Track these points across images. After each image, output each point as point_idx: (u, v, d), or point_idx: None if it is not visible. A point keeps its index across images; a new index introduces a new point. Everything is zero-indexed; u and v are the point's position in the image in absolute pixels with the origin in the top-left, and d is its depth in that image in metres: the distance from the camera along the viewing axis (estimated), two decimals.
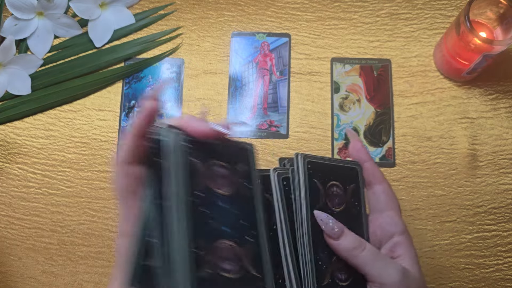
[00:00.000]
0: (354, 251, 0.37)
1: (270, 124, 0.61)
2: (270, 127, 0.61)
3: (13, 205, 0.60)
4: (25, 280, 0.58)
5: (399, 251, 0.39)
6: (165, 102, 0.62)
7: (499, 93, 0.61)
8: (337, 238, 0.38)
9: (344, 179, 0.41)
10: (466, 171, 0.59)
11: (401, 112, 0.61)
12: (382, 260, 0.37)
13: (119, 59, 0.63)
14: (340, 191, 0.41)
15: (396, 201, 0.40)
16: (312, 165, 0.40)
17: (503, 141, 0.59)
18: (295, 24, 0.64)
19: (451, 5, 0.64)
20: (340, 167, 0.41)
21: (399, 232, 0.39)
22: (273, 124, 0.61)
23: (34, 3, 0.61)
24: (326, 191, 0.40)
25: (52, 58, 0.63)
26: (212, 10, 0.64)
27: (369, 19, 0.63)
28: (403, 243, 0.39)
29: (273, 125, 0.61)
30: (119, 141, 0.61)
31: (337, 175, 0.41)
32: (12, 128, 0.62)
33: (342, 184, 0.41)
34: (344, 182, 0.41)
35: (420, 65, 0.62)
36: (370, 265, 0.37)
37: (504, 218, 0.58)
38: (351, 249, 0.38)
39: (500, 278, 0.57)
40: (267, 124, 0.61)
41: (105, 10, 0.64)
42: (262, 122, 0.61)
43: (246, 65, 0.63)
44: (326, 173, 0.41)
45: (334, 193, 0.40)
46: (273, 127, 0.61)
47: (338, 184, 0.41)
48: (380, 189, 0.41)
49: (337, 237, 0.38)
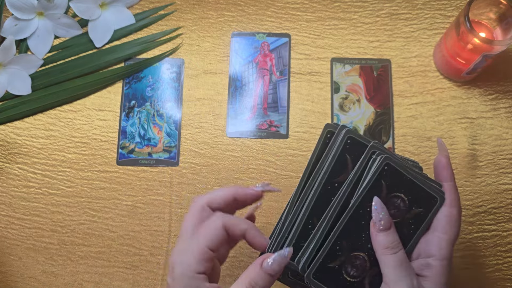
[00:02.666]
0: (387, 250, 0.38)
1: (270, 124, 0.61)
2: (270, 127, 0.61)
3: (13, 205, 0.60)
4: (25, 280, 0.58)
5: (428, 273, 0.39)
6: (165, 102, 0.62)
7: (499, 93, 0.61)
8: (380, 232, 0.39)
9: (417, 199, 0.40)
10: (466, 171, 0.59)
11: (401, 112, 0.61)
12: (404, 270, 0.38)
13: (119, 59, 0.63)
14: (403, 207, 0.40)
15: (455, 230, 0.40)
16: (389, 168, 0.40)
17: (503, 141, 0.59)
18: (295, 24, 0.64)
19: (451, 5, 0.64)
20: (421, 188, 0.41)
21: (438, 256, 0.39)
22: (273, 124, 0.61)
23: (34, 3, 0.61)
24: (388, 197, 0.40)
25: (52, 58, 0.63)
26: (212, 10, 0.64)
27: (369, 19, 0.64)
28: (436, 268, 0.39)
29: (273, 125, 0.61)
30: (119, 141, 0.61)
31: (412, 192, 0.40)
32: (12, 128, 0.62)
33: (410, 202, 0.40)
34: (414, 202, 0.40)
35: (420, 65, 0.62)
36: (391, 268, 0.38)
37: (504, 218, 0.58)
38: (385, 246, 0.39)
39: (500, 278, 0.57)
40: (267, 124, 0.61)
41: (105, 10, 0.64)
42: (262, 122, 0.61)
43: (246, 65, 0.63)
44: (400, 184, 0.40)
45: (395, 205, 0.40)
46: (273, 127, 0.61)
47: (405, 200, 0.40)
48: (446, 212, 0.40)
49: (380, 231, 0.39)
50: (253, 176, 0.59)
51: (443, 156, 0.42)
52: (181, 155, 0.60)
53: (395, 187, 0.40)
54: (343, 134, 0.41)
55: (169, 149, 0.61)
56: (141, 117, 0.62)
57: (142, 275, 0.58)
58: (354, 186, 0.40)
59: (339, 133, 0.41)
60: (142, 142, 0.61)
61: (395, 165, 0.40)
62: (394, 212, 0.40)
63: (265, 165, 0.60)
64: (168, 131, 0.61)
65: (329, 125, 0.42)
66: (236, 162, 0.60)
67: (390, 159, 0.40)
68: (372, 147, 0.40)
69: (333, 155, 0.41)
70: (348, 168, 0.40)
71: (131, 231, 0.59)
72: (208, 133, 0.61)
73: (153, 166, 0.60)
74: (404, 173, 0.40)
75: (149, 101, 0.62)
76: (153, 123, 0.61)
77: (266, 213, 0.58)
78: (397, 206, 0.40)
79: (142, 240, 0.59)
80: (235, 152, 0.60)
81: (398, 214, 0.40)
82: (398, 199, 0.40)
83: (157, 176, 0.60)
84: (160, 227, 0.59)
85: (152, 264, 0.58)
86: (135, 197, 0.60)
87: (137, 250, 0.59)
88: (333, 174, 0.40)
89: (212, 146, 0.61)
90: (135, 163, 0.60)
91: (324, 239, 0.40)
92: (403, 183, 0.40)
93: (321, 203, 0.40)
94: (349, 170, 0.40)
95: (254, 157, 0.60)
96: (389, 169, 0.40)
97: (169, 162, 0.60)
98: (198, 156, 0.60)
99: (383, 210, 0.39)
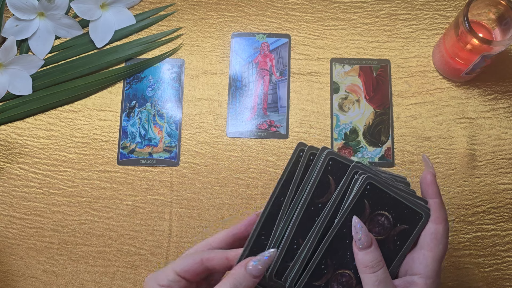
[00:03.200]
0: (366, 268, 0.39)
1: (270, 124, 0.61)
2: (270, 127, 0.61)
3: (15, 204, 0.60)
4: (26, 279, 0.58)
5: None
6: (166, 102, 0.62)
7: (498, 93, 0.61)
8: (360, 250, 0.39)
9: (401, 216, 0.41)
10: (465, 171, 0.59)
11: (400, 112, 0.61)
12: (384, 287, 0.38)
13: (120, 59, 0.63)
14: (388, 225, 0.41)
15: (442, 247, 0.39)
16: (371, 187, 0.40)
17: (502, 141, 0.60)
18: (294, 24, 0.64)
19: (450, 5, 0.64)
20: (406, 205, 0.41)
21: (424, 274, 0.39)
22: (273, 124, 0.61)
23: (35, 4, 0.61)
24: (371, 215, 0.40)
25: (53, 58, 0.63)
26: (213, 11, 0.65)
27: (369, 19, 0.64)
28: (420, 286, 0.38)
29: (273, 125, 0.61)
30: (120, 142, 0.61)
31: (396, 209, 0.41)
32: (13, 128, 0.62)
33: (395, 219, 0.41)
34: (398, 219, 0.41)
35: (419, 65, 0.62)
36: (370, 287, 0.38)
37: (503, 217, 0.58)
38: (365, 265, 0.39)
39: (498, 277, 0.57)
40: (267, 124, 0.61)
41: (106, 10, 0.64)
42: (262, 122, 0.61)
43: (246, 66, 0.63)
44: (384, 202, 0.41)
45: (379, 222, 0.41)
46: (273, 127, 0.61)
47: (389, 217, 0.41)
48: (432, 229, 0.40)
49: (360, 250, 0.39)
50: (253, 176, 0.60)
51: (428, 173, 0.41)
52: (181, 155, 0.61)
53: (379, 205, 0.40)
54: (325, 155, 0.41)
55: (170, 149, 0.61)
56: (142, 117, 0.62)
57: (142, 275, 0.58)
58: (337, 206, 0.41)
59: (320, 154, 0.42)
60: (142, 142, 0.61)
61: (377, 184, 0.40)
62: (378, 229, 0.40)
63: (265, 165, 0.60)
64: (169, 131, 0.61)
65: (301, 144, 0.42)
66: (236, 162, 0.60)
67: (372, 178, 0.40)
68: (354, 167, 0.41)
69: (315, 176, 0.41)
70: (331, 189, 0.41)
71: (132, 230, 0.59)
72: (209, 133, 0.61)
73: (154, 166, 0.60)
74: (387, 191, 0.40)
75: (149, 101, 0.62)
76: (153, 123, 0.62)
77: None
78: (381, 224, 0.40)
79: (142, 240, 0.59)
80: (235, 152, 0.61)
81: (383, 231, 0.40)
82: (382, 217, 0.40)
83: (157, 176, 0.60)
84: (161, 227, 0.59)
85: (152, 263, 0.58)
86: (136, 197, 0.60)
87: (137, 250, 0.59)
88: (316, 195, 0.41)
89: (212, 146, 0.61)
90: (135, 163, 0.61)
91: (310, 258, 0.40)
92: (387, 201, 0.40)
93: (305, 224, 0.41)
94: (332, 190, 0.41)
95: (254, 157, 0.60)
96: (372, 188, 0.40)
97: (169, 162, 0.60)
98: (198, 156, 0.61)
99: (361, 229, 0.39)
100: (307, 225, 0.41)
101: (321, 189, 0.41)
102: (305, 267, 0.40)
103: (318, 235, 0.40)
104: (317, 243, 0.40)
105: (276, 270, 0.41)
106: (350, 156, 0.59)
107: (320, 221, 0.41)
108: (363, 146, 0.60)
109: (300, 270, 0.41)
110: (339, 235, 0.40)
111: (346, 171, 0.41)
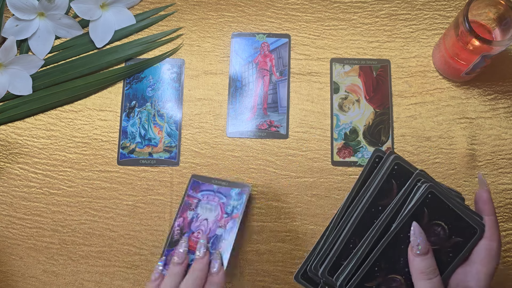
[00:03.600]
0: (422, 275, 0.39)
1: (270, 124, 0.61)
2: (270, 127, 0.61)
3: (15, 204, 0.60)
4: (26, 279, 0.58)
5: None
6: (166, 102, 0.62)
7: (498, 93, 0.61)
8: (417, 256, 0.40)
9: (457, 229, 0.42)
10: (465, 171, 0.59)
11: (400, 112, 0.61)
12: None
13: (120, 59, 0.63)
14: (443, 235, 0.42)
15: (494, 263, 0.41)
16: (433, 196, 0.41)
17: (502, 141, 0.60)
18: (294, 25, 0.64)
19: (450, 5, 0.64)
20: (462, 219, 0.42)
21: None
22: (273, 124, 0.61)
23: (35, 4, 0.61)
24: (429, 224, 0.41)
25: (53, 58, 0.63)
26: (213, 11, 0.65)
27: (369, 19, 0.64)
28: None
29: (273, 125, 0.61)
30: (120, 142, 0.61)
31: (453, 221, 0.42)
32: (13, 128, 0.62)
33: (450, 231, 0.42)
34: (454, 231, 0.42)
35: (419, 65, 0.62)
36: None
37: (503, 217, 0.58)
38: (421, 271, 0.40)
39: (498, 277, 0.57)
40: (267, 124, 0.61)
41: (106, 11, 0.64)
42: (262, 122, 0.61)
43: (246, 66, 0.63)
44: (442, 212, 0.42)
45: (435, 232, 0.42)
46: (273, 127, 0.61)
47: (445, 228, 0.42)
48: (487, 245, 0.41)
49: (417, 255, 0.40)
50: (253, 176, 0.60)
51: (484, 191, 0.43)
52: (181, 155, 0.61)
53: (437, 215, 0.42)
54: (391, 160, 0.43)
55: (170, 149, 0.61)
56: (142, 117, 0.62)
57: (142, 275, 0.58)
58: (397, 211, 0.42)
59: (387, 158, 0.44)
60: (142, 142, 0.61)
61: (438, 194, 0.42)
62: (433, 239, 0.41)
63: (265, 165, 0.60)
64: (169, 131, 0.61)
65: (378, 150, 0.44)
66: (236, 162, 0.60)
67: (434, 187, 0.41)
68: (418, 175, 0.42)
69: (380, 179, 0.43)
70: (393, 193, 0.43)
71: (132, 230, 0.59)
72: (209, 133, 0.61)
73: (154, 166, 0.61)
74: (447, 202, 0.42)
75: (149, 101, 0.62)
76: (153, 123, 0.62)
77: (267, 212, 0.59)
78: (437, 233, 0.42)
79: (142, 240, 0.59)
80: (235, 152, 0.61)
81: (438, 241, 0.42)
82: (438, 227, 0.42)
83: (157, 176, 0.60)
84: (161, 227, 0.59)
85: (152, 263, 0.58)
86: (136, 197, 0.60)
87: (137, 250, 0.59)
88: (378, 197, 0.43)
89: (212, 146, 0.61)
90: (135, 163, 0.61)
91: (364, 259, 0.42)
92: (445, 212, 0.42)
93: (364, 224, 0.42)
94: (393, 195, 0.43)
95: (254, 157, 0.60)
96: (433, 197, 0.41)
97: (169, 162, 0.60)
98: (198, 156, 0.61)
99: (421, 236, 0.40)
100: (365, 226, 0.42)
101: (383, 192, 0.43)
102: (358, 267, 0.42)
103: (375, 237, 0.42)
104: (373, 244, 0.42)
105: (330, 266, 0.42)
106: (350, 156, 0.60)
107: (379, 223, 0.42)
108: (363, 146, 0.60)
109: (353, 270, 0.42)
110: (395, 240, 0.41)
111: (410, 178, 0.42)
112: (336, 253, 0.42)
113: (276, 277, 0.57)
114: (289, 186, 0.59)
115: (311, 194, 0.59)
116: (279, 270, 0.57)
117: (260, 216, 0.59)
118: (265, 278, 0.57)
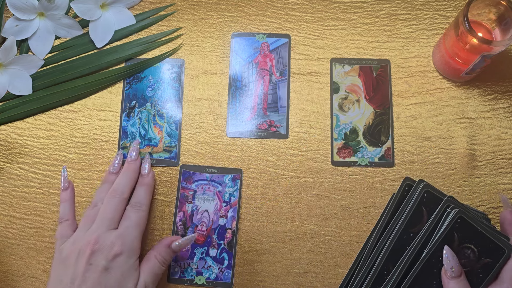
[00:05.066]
0: None
1: (270, 124, 0.61)
2: (270, 127, 0.61)
3: (14, 204, 0.60)
4: (26, 279, 0.58)
5: None
6: (165, 102, 0.62)
7: (498, 93, 0.61)
8: (452, 279, 0.42)
9: (486, 250, 0.43)
10: (465, 171, 0.59)
11: (400, 112, 0.61)
12: None
13: (120, 59, 0.63)
14: (473, 258, 0.43)
15: None
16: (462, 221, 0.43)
17: (502, 141, 0.60)
18: (294, 25, 0.64)
19: (450, 5, 0.64)
20: (491, 240, 0.44)
21: None
22: (273, 124, 0.61)
23: (35, 4, 0.61)
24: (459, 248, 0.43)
25: (53, 58, 0.64)
26: (213, 11, 0.65)
27: (368, 19, 0.64)
28: None
29: (273, 125, 0.61)
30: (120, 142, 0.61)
31: (482, 243, 0.43)
32: (13, 128, 0.62)
33: (480, 253, 0.43)
34: (483, 253, 0.43)
35: (419, 65, 0.62)
36: None
37: None
38: None
39: None
40: (267, 124, 0.61)
41: (106, 10, 0.64)
42: (262, 122, 0.61)
43: (246, 66, 0.63)
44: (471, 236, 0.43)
45: (466, 255, 0.43)
46: (273, 127, 0.61)
47: (475, 250, 0.43)
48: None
49: (452, 278, 0.42)
50: (253, 176, 0.60)
51: (508, 212, 0.45)
52: (181, 155, 0.61)
53: (467, 238, 0.43)
54: (421, 188, 0.45)
55: (170, 149, 0.61)
56: (142, 117, 0.62)
57: None
58: (428, 237, 0.44)
59: (417, 186, 0.45)
60: (142, 142, 0.61)
61: (467, 219, 0.43)
62: (464, 262, 0.43)
63: (265, 165, 0.60)
64: (169, 131, 0.61)
65: (408, 179, 0.47)
66: (236, 162, 0.60)
67: (463, 213, 0.43)
68: (447, 201, 0.44)
69: (411, 207, 0.45)
70: (423, 220, 0.45)
71: None
72: (209, 133, 0.61)
73: (154, 166, 0.61)
74: (476, 226, 0.43)
75: (149, 101, 0.62)
76: (153, 123, 0.62)
77: (266, 212, 0.59)
78: (468, 256, 0.43)
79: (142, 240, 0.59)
80: (235, 152, 0.61)
81: (468, 264, 0.43)
82: (468, 250, 0.43)
83: (157, 176, 0.60)
84: (161, 226, 0.59)
85: None
86: None
87: None
88: (409, 224, 0.44)
89: (212, 146, 0.61)
90: None
91: (398, 285, 0.43)
92: (474, 235, 0.43)
93: (397, 251, 0.44)
94: (424, 221, 0.45)
95: (254, 157, 0.60)
96: (462, 221, 0.43)
97: (169, 162, 0.61)
98: (198, 156, 0.61)
99: (454, 259, 0.42)
100: (398, 253, 0.44)
101: (414, 219, 0.44)
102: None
103: (408, 262, 0.43)
104: (406, 270, 0.43)
105: None
106: (350, 156, 0.60)
107: (411, 249, 0.44)
108: (363, 146, 0.60)
109: None
110: (427, 265, 0.43)
111: (439, 204, 0.44)
112: (371, 281, 0.44)
113: (276, 277, 0.57)
114: (289, 186, 0.59)
115: (311, 194, 0.59)
116: (279, 270, 0.57)
117: (260, 216, 0.59)
118: (265, 278, 0.57)
